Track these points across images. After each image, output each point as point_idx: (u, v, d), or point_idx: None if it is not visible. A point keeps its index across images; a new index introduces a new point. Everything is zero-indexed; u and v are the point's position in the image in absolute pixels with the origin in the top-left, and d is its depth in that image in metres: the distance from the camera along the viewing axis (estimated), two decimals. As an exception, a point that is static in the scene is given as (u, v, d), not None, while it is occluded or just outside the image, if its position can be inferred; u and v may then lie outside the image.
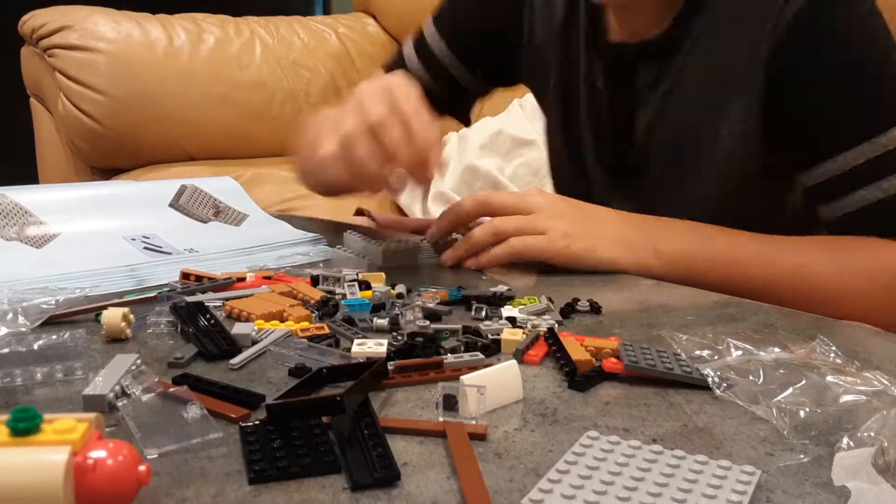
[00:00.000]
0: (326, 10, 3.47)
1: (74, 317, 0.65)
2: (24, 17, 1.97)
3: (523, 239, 0.79)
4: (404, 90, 0.74)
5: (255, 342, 0.59)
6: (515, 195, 0.84)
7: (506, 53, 1.05)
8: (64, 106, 1.90)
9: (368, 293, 0.70)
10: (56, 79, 1.90)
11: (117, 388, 0.50)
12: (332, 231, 0.93)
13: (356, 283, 0.71)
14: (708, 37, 0.86)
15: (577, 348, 0.57)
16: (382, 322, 0.63)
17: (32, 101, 2.10)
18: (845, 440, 0.46)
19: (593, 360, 0.56)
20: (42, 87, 2.01)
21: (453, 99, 1.09)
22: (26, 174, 2.04)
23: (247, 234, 0.92)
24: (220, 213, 0.95)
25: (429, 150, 0.72)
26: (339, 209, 1.58)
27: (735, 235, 0.82)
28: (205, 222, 0.93)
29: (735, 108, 0.85)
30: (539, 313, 0.67)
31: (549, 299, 0.69)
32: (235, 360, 0.56)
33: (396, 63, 1.10)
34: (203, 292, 0.70)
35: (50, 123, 2.04)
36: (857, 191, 0.80)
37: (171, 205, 0.93)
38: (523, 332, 0.61)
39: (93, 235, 0.85)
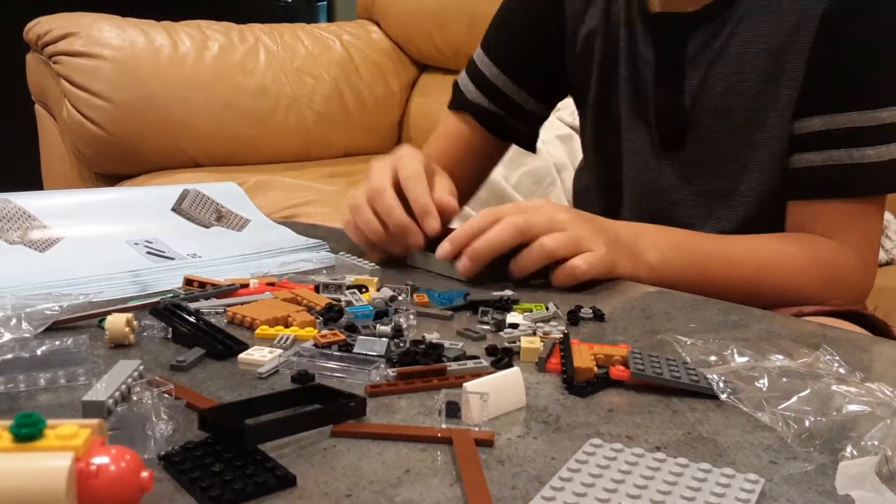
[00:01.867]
0: (330, 18, 3.49)
1: (78, 322, 0.65)
2: (30, 24, 1.98)
3: (586, 260, 0.77)
4: (406, 160, 0.85)
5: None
6: (545, 215, 0.79)
7: (554, 62, 1.06)
8: (68, 112, 1.90)
9: (367, 296, 0.71)
10: (61, 85, 1.91)
11: (117, 394, 0.50)
12: (335, 238, 0.93)
13: (356, 290, 0.71)
14: (758, 6, 0.89)
15: (585, 356, 0.57)
16: (385, 328, 0.63)
17: (37, 107, 2.10)
18: (849, 449, 0.46)
19: (594, 367, 0.56)
20: (47, 93, 2.01)
21: (517, 122, 1.11)
22: (31, 180, 2.04)
23: (249, 239, 0.92)
24: (222, 217, 0.95)
25: (423, 211, 0.81)
26: (342, 216, 1.58)
27: (703, 240, 0.88)
28: (207, 227, 0.93)
29: (786, 73, 0.88)
30: (545, 320, 0.67)
31: (556, 306, 0.70)
32: (263, 370, 0.56)
33: (456, 97, 1.11)
34: (206, 299, 0.70)
35: (54, 130, 2.04)
36: (829, 150, 0.87)
37: (173, 209, 0.94)
38: (540, 340, 0.61)
39: (96, 239, 0.85)
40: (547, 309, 0.69)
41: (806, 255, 0.87)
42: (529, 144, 1.15)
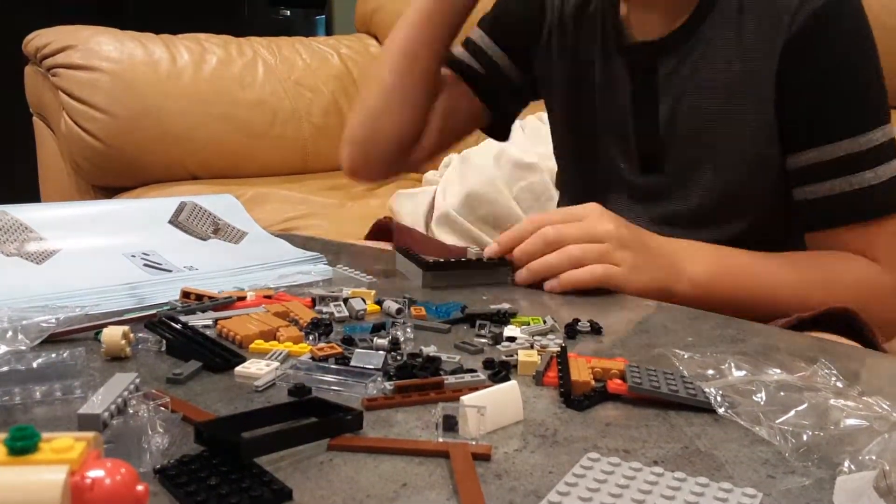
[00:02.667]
0: (329, 31, 3.50)
1: (74, 335, 0.65)
2: (28, 37, 1.98)
3: (606, 268, 0.81)
4: None
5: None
6: (581, 227, 0.83)
7: (536, 42, 1.09)
8: (67, 125, 1.90)
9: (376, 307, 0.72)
10: (59, 98, 1.91)
11: (113, 406, 0.50)
12: (332, 250, 0.93)
13: (342, 303, 0.71)
14: (723, 28, 0.91)
15: (582, 369, 0.57)
16: (383, 342, 0.63)
17: (35, 119, 2.10)
18: (847, 463, 0.45)
19: (591, 381, 0.56)
20: (45, 105, 2.02)
21: (498, 87, 1.13)
22: (28, 193, 2.04)
23: (246, 252, 0.92)
24: (219, 230, 0.95)
25: None
26: (339, 230, 1.59)
27: (744, 256, 0.87)
28: (204, 240, 0.93)
29: (753, 97, 0.90)
30: (542, 333, 0.67)
31: (553, 319, 0.70)
32: (259, 383, 0.56)
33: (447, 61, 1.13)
34: (203, 311, 0.70)
35: (53, 142, 2.04)
36: (829, 180, 0.88)
37: (170, 221, 0.94)
38: (538, 353, 0.61)
39: (93, 251, 0.85)
40: (544, 322, 0.69)
41: (845, 270, 0.88)
42: (502, 128, 1.18)
